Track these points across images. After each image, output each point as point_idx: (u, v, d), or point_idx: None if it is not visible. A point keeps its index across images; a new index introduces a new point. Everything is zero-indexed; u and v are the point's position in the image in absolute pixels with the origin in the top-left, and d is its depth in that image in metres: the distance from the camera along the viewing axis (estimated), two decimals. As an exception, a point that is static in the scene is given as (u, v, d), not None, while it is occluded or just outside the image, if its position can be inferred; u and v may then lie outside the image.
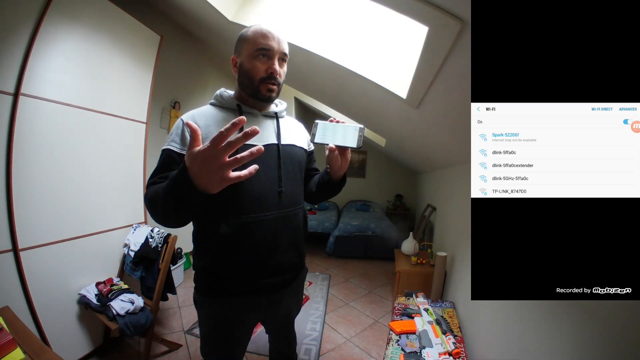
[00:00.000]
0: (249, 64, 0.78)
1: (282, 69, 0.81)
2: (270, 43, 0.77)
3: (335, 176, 0.84)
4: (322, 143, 0.77)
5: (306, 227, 0.94)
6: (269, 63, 0.78)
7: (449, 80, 1.10)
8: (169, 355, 1.74)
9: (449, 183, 2.53)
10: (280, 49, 0.79)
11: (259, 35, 0.77)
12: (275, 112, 0.88)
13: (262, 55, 0.77)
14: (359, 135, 0.75)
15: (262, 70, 0.78)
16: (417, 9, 0.84)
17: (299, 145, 0.90)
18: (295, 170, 0.87)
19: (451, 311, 1.71)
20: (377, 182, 5.49)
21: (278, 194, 0.81)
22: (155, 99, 2.13)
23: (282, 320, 0.99)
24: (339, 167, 0.80)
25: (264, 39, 0.77)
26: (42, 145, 1.36)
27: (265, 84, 0.79)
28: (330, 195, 0.92)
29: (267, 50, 0.77)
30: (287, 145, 0.86)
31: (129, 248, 1.76)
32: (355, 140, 0.75)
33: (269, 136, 0.84)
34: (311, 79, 2.27)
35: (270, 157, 0.81)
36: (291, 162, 0.86)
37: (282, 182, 0.82)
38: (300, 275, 0.94)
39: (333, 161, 0.79)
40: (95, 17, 1.56)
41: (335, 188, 0.88)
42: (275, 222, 0.80)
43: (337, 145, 0.76)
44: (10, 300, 1.22)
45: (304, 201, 0.97)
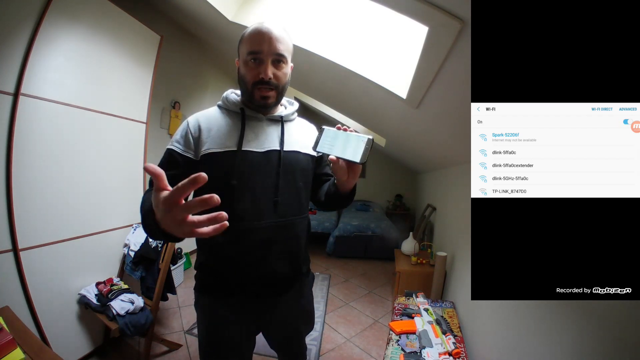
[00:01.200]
0: (243, 69, 0.77)
1: (279, 71, 0.76)
2: (259, 46, 0.73)
3: (343, 189, 0.77)
4: (322, 152, 0.71)
5: (308, 234, 0.90)
6: (260, 68, 0.74)
7: (449, 80, 1.10)
8: (169, 355, 1.74)
9: (449, 183, 2.53)
10: (273, 50, 0.73)
11: (250, 37, 0.74)
12: (281, 116, 0.84)
13: (253, 59, 0.74)
14: (364, 147, 0.65)
15: (253, 75, 0.74)
16: (417, 9, 0.84)
17: (304, 151, 0.85)
18: (296, 179, 0.82)
19: (451, 311, 1.71)
20: (377, 182, 5.49)
21: (273, 203, 0.77)
22: (155, 99, 2.13)
23: (284, 330, 0.94)
24: (345, 180, 0.72)
25: (253, 42, 0.73)
26: (42, 145, 1.36)
27: (259, 90, 0.75)
28: (339, 206, 0.86)
29: (257, 53, 0.73)
30: (290, 152, 0.81)
31: (129, 248, 1.76)
32: (359, 154, 0.65)
33: (272, 142, 0.80)
34: (311, 79, 2.27)
35: (269, 165, 0.78)
36: (292, 170, 0.81)
37: (279, 191, 0.78)
38: (298, 284, 0.90)
39: (338, 173, 0.72)
40: (95, 17, 1.56)
41: (342, 200, 0.82)
42: (269, 231, 0.77)
43: (337, 157, 0.68)
44: (10, 300, 1.22)
45: (315, 206, 0.94)
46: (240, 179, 0.74)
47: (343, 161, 0.69)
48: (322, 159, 0.94)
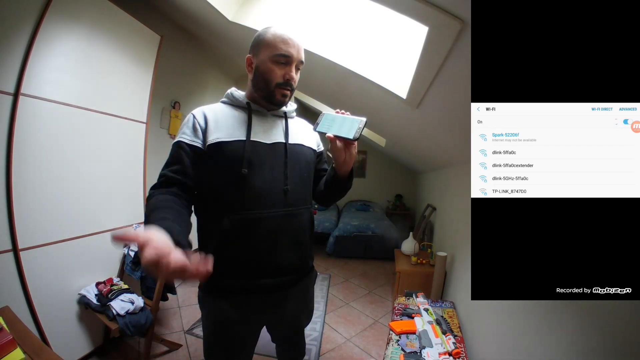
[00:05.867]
0: (267, 67, 0.79)
1: (296, 76, 0.82)
2: (290, 50, 0.77)
3: (341, 172, 0.82)
4: (322, 132, 0.77)
5: (312, 228, 0.92)
6: (286, 69, 0.78)
7: (449, 80, 1.10)
8: (169, 355, 1.74)
9: (449, 183, 2.53)
10: (299, 57, 0.80)
11: (279, 40, 0.77)
12: (285, 111, 0.88)
13: (282, 61, 0.78)
14: (357, 127, 0.73)
15: (279, 75, 0.78)
16: (417, 9, 0.84)
17: (307, 145, 0.90)
18: (302, 170, 0.86)
19: (451, 311, 1.71)
20: (377, 182, 5.49)
21: (284, 192, 0.80)
22: (155, 99, 2.13)
23: (289, 325, 0.97)
24: (342, 161, 0.78)
25: (284, 45, 0.77)
26: (42, 145, 1.36)
27: (280, 90, 0.80)
28: (338, 193, 0.91)
29: (287, 56, 0.77)
30: (295, 144, 0.86)
31: (129, 248, 1.76)
32: (352, 132, 0.73)
33: (277, 135, 0.84)
34: (311, 79, 2.27)
35: (278, 156, 0.81)
36: (298, 161, 0.85)
37: (288, 180, 0.81)
38: (305, 278, 0.91)
39: (336, 153, 0.77)
40: (95, 17, 1.56)
41: (341, 185, 0.86)
42: (279, 220, 0.79)
43: (334, 134, 0.74)
44: (10, 300, 1.22)
45: (315, 202, 0.97)
46: (250, 168, 0.76)
47: (340, 141, 0.75)
48: (322, 155, 0.99)
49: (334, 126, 0.76)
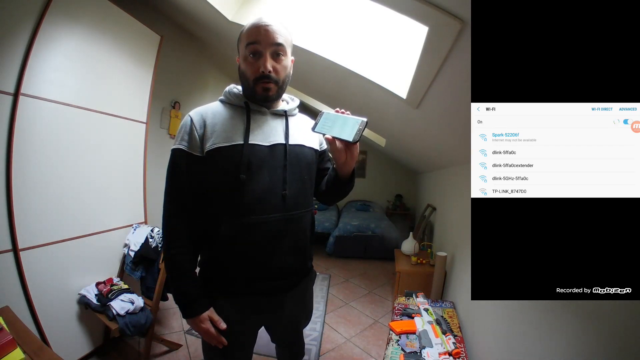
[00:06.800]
0: (243, 65, 0.77)
1: (279, 64, 0.76)
2: (259, 38, 0.73)
3: (342, 172, 0.79)
4: (320, 132, 0.73)
5: (313, 230, 0.91)
6: (259, 62, 0.74)
7: (449, 80, 1.10)
8: (169, 355, 1.74)
9: (449, 183, 2.53)
10: (270, 40, 0.73)
11: (247, 32, 0.75)
12: (285, 110, 0.85)
13: (252, 54, 0.74)
14: (357, 128, 0.68)
15: (254, 70, 0.74)
16: (417, 9, 0.84)
17: (308, 145, 0.86)
18: (302, 172, 0.83)
19: (451, 311, 1.71)
20: (377, 182, 5.48)
21: (282, 196, 0.78)
22: (155, 99, 2.13)
23: (288, 326, 0.96)
24: (343, 162, 0.74)
25: (250, 36, 0.74)
26: (42, 145, 1.36)
27: (260, 84, 0.75)
28: (340, 194, 0.88)
29: (254, 43, 0.73)
30: (295, 145, 0.82)
31: (129, 248, 1.76)
32: (351, 134, 0.68)
33: (277, 136, 0.81)
34: (311, 79, 2.27)
35: (276, 158, 0.79)
36: (298, 163, 0.82)
37: (287, 184, 0.78)
38: (305, 280, 0.91)
39: (336, 155, 0.73)
40: (95, 17, 1.56)
41: (342, 186, 0.83)
42: (278, 224, 0.77)
43: (332, 136, 0.70)
44: (10, 300, 1.21)
45: (319, 201, 0.95)
46: (248, 173, 0.74)
47: (340, 142, 0.71)
48: (325, 153, 0.95)
49: (334, 127, 0.72)
